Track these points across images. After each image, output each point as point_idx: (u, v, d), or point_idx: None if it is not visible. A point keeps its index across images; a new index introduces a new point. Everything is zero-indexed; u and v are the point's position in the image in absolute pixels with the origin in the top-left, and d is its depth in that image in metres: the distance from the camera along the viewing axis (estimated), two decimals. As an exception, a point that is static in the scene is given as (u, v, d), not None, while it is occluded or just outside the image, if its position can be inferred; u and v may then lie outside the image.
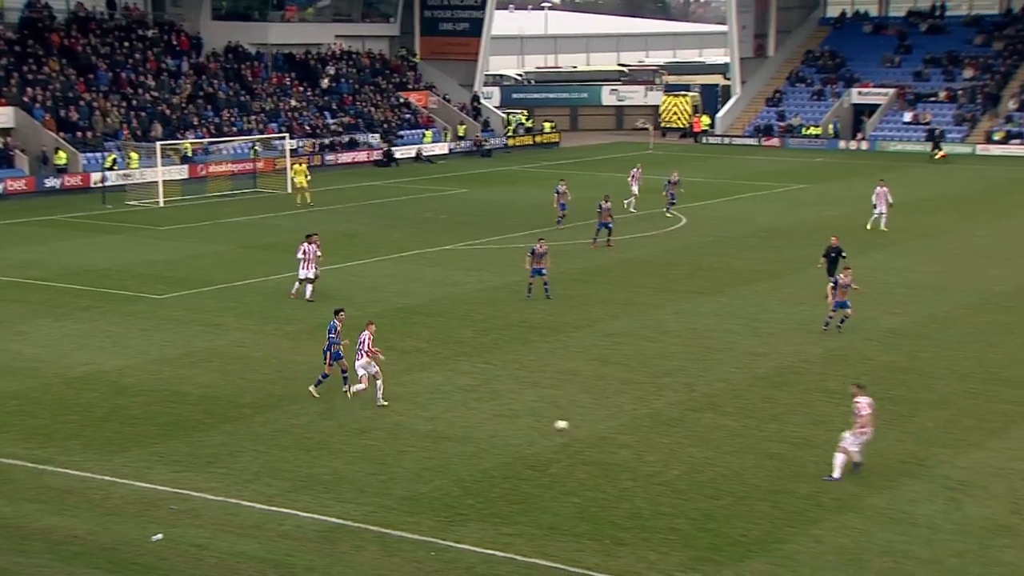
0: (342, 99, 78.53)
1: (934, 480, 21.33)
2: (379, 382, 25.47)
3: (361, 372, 25.50)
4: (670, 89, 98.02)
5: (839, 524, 19.49)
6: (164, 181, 56.92)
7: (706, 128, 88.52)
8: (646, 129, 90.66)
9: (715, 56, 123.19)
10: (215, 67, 74.14)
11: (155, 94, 68.42)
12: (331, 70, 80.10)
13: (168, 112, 67.18)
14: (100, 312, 32.73)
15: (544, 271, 35.18)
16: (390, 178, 66.69)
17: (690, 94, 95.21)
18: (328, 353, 25.95)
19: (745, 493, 20.79)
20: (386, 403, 25.36)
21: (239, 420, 24.72)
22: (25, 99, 61.79)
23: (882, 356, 29.55)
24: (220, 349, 30.22)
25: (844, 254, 35.42)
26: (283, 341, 31.01)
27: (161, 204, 55.22)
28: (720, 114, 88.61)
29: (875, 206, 47.47)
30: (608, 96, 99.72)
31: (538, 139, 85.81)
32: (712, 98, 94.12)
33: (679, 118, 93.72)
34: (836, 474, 21.31)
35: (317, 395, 25.89)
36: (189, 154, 64.65)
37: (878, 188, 47.55)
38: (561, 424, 23.08)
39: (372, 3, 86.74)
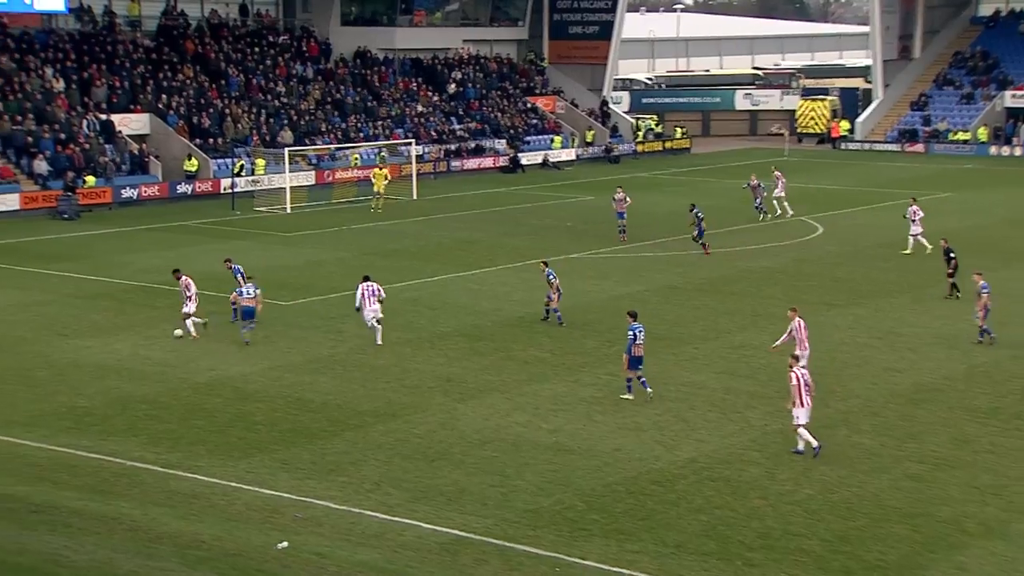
0: (468, 104, 78.61)
1: (1088, 506, 20.22)
2: None
3: None
4: (807, 93, 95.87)
5: (984, 551, 18.69)
6: (291, 187, 57.54)
7: (845, 133, 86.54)
8: (781, 135, 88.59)
9: (855, 58, 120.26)
10: (343, 72, 74.89)
11: (284, 100, 69.36)
12: (458, 75, 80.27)
13: (296, 118, 68.02)
14: (225, 318, 32.98)
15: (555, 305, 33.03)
16: (515, 185, 66.49)
17: (828, 98, 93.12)
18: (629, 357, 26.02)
19: (882, 515, 20.06)
20: None
21: (360, 428, 24.67)
22: (160, 106, 63.17)
23: (1029, 373, 28.31)
24: (341, 356, 30.23)
25: (953, 254, 35.49)
26: (404, 349, 30.86)
27: (288, 210, 55.84)
28: (860, 119, 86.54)
29: (912, 221, 42.71)
30: (742, 100, 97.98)
31: (668, 145, 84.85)
32: (852, 102, 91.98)
33: (816, 123, 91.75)
34: (801, 446, 22.78)
35: (630, 397, 26.03)
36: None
37: (911, 207, 43.47)
38: None
39: (500, 7, 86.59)
